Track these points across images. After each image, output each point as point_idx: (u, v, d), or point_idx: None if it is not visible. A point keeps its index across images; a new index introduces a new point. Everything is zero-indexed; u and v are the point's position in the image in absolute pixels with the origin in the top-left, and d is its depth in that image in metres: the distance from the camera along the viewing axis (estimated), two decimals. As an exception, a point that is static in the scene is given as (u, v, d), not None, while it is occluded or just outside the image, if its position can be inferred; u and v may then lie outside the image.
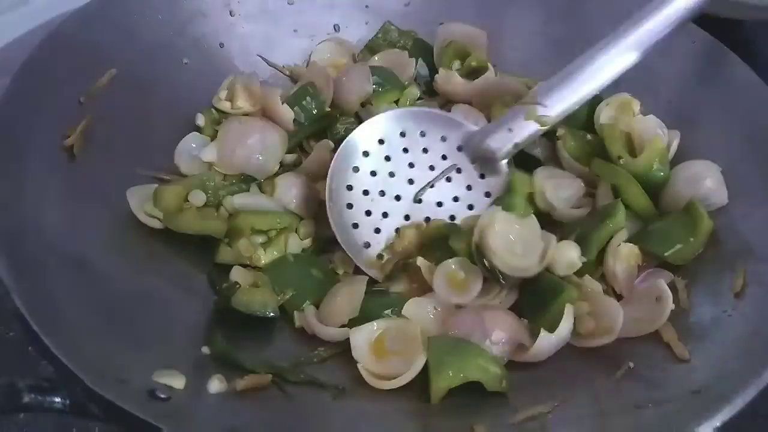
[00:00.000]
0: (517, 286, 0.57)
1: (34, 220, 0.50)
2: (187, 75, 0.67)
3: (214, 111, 0.66)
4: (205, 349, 0.50)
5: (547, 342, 0.52)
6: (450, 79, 0.70)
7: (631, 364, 0.50)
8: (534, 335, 0.52)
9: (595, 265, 0.57)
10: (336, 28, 0.75)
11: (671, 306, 0.53)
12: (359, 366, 0.51)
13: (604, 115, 0.66)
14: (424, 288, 0.56)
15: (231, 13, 0.71)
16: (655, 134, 0.61)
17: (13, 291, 0.44)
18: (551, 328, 0.52)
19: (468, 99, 0.70)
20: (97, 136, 0.58)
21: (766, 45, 0.89)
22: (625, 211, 0.58)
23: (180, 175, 0.62)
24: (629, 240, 0.58)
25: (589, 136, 0.64)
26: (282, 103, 0.64)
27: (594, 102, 0.66)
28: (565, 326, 0.52)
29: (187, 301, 0.55)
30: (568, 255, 0.55)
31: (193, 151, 0.62)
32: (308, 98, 0.65)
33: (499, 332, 0.52)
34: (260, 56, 0.72)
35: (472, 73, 0.71)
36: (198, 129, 0.65)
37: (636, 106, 0.66)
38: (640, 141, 0.62)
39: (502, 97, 0.67)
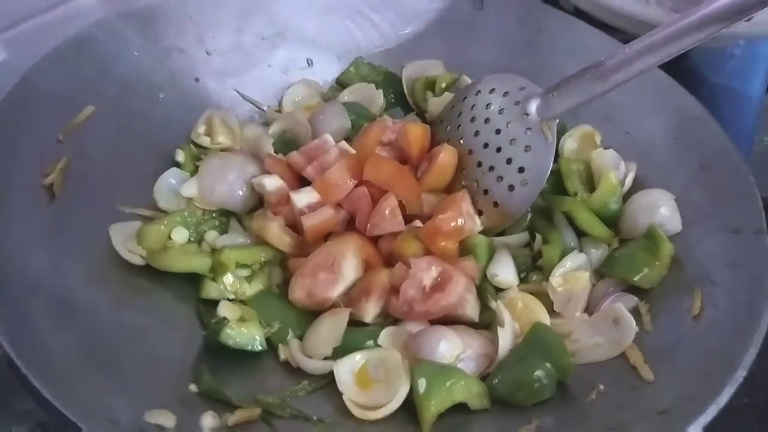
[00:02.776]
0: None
1: (17, 261, 0.50)
2: (164, 110, 0.68)
3: (192, 147, 0.67)
4: (193, 387, 0.51)
5: (505, 336, 0.55)
6: (437, 102, 0.73)
7: (602, 387, 0.53)
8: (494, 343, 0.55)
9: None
10: (309, 62, 0.77)
11: (635, 328, 0.56)
12: (344, 398, 0.52)
13: (568, 146, 0.70)
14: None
15: (207, 52, 0.71)
16: (609, 171, 0.64)
17: (0, 334, 0.44)
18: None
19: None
20: (76, 174, 0.58)
21: (710, 75, 0.95)
22: None
23: (159, 210, 0.62)
24: (599, 268, 0.62)
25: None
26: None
27: (560, 133, 0.70)
28: (506, 314, 0.56)
29: (172, 337, 0.55)
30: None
31: (173, 186, 0.62)
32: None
33: (469, 350, 0.54)
34: (236, 91, 0.73)
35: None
36: (177, 165, 0.65)
37: (597, 137, 0.70)
38: (598, 173, 0.66)
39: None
